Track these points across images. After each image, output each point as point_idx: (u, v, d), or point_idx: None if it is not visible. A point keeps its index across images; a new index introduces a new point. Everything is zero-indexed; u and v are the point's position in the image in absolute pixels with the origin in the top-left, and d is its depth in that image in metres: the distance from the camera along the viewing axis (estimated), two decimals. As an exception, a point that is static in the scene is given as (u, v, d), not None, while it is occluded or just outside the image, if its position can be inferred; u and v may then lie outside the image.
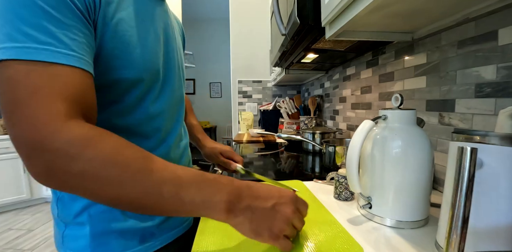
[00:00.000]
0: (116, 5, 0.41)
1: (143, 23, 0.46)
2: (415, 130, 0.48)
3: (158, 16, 0.51)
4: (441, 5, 0.53)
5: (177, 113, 0.60)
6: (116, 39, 0.41)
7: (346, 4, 0.52)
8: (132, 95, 0.45)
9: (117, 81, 0.43)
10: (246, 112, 2.16)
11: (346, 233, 0.45)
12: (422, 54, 0.71)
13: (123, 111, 0.46)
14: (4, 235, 2.10)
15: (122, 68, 0.42)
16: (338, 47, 0.95)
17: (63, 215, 0.48)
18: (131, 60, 0.43)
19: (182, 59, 0.63)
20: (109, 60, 0.40)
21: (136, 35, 0.44)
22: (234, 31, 2.47)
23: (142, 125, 0.48)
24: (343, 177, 0.60)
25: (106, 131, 0.34)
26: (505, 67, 0.49)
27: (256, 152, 1.31)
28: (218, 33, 5.25)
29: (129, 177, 0.32)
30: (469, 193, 0.30)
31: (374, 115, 1.01)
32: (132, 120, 0.47)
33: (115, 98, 0.44)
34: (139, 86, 0.46)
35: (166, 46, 0.53)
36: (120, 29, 0.41)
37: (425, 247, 0.41)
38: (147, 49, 0.46)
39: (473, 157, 0.30)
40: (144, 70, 0.45)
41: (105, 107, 0.43)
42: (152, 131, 0.51)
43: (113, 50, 0.41)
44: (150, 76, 0.47)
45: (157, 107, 0.51)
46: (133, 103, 0.46)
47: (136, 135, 0.48)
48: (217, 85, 5.50)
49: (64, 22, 0.33)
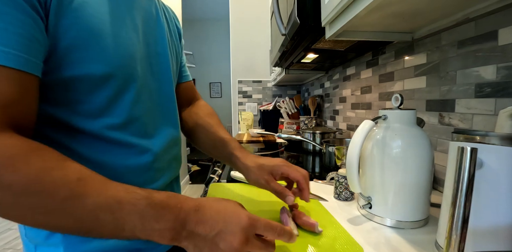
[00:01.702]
0: None
1: (118, 8, 0.39)
2: (415, 130, 0.48)
3: (137, 3, 0.45)
4: (441, 5, 0.53)
5: (165, 116, 0.52)
6: (78, 26, 0.34)
7: (346, 4, 0.52)
8: (102, 94, 0.38)
9: (80, 78, 0.35)
10: (246, 112, 2.16)
11: (346, 233, 0.45)
12: (422, 54, 0.71)
13: (90, 113, 0.38)
14: (4, 235, 2.10)
15: (86, 61, 0.35)
16: (338, 47, 0.95)
17: (32, 235, 0.41)
18: (99, 52, 0.36)
19: (173, 55, 0.56)
20: (69, 52, 0.34)
21: (108, 22, 0.37)
22: (234, 31, 2.47)
23: (116, 131, 0.40)
24: (343, 177, 0.60)
25: (38, 146, 0.29)
26: (505, 67, 0.49)
27: (256, 152, 1.31)
28: (218, 33, 5.25)
29: (57, 205, 0.27)
30: (469, 193, 0.30)
31: (374, 115, 1.00)
32: (103, 125, 0.39)
33: (79, 97, 0.37)
34: (110, 84, 0.38)
35: (146, 39, 0.46)
36: (84, 14, 0.34)
37: (425, 247, 0.41)
38: (121, 40, 0.39)
39: (473, 157, 0.30)
40: (117, 65, 0.38)
41: (67, 108, 0.37)
42: (131, 139, 0.42)
43: (75, 39, 0.34)
44: (124, 73, 0.40)
45: (136, 110, 0.43)
46: (104, 104, 0.39)
47: (108, 143, 0.40)
48: (217, 85, 5.49)
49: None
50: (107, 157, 0.41)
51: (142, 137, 0.45)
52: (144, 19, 0.46)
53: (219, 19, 4.94)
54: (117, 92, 0.40)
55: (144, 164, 0.45)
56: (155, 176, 0.48)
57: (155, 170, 0.48)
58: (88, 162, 0.34)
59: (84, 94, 0.37)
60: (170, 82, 0.53)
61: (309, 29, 0.74)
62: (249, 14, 2.43)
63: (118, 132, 0.41)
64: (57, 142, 0.37)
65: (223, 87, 5.47)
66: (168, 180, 0.53)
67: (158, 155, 0.48)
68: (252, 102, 2.54)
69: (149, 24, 0.48)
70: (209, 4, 4.48)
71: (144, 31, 0.46)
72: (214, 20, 5.07)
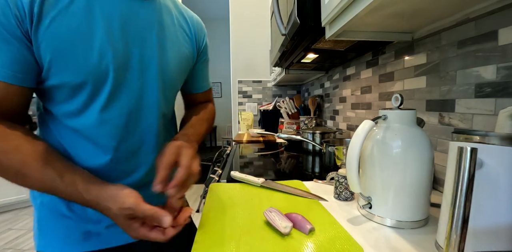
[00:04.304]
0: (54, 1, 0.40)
1: (92, 20, 0.43)
2: (415, 130, 0.48)
3: (119, 10, 0.46)
4: (441, 5, 0.53)
5: (144, 120, 0.52)
6: (54, 46, 0.41)
7: (346, 4, 0.52)
8: (79, 98, 0.45)
9: (61, 85, 0.44)
10: (246, 112, 2.16)
11: (346, 233, 0.45)
12: (422, 54, 0.71)
13: (72, 112, 0.46)
14: (4, 235, 2.10)
15: (63, 72, 0.43)
16: (338, 47, 0.95)
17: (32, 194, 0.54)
18: (73, 65, 0.42)
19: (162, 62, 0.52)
20: (51, 66, 0.42)
21: (79, 39, 0.42)
22: (234, 31, 2.47)
23: (90, 130, 0.48)
24: (343, 177, 0.60)
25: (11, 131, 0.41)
26: (505, 67, 0.49)
27: (256, 152, 1.31)
28: (218, 33, 5.26)
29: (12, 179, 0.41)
30: (469, 193, 0.30)
31: (374, 115, 1.01)
32: (81, 123, 0.47)
33: (63, 98, 0.45)
34: (84, 90, 0.45)
35: (126, 46, 0.47)
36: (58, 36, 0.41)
37: (425, 247, 0.41)
38: (92, 51, 0.43)
39: (473, 157, 0.30)
40: (88, 74, 0.44)
41: (58, 106, 0.46)
42: (102, 138, 0.48)
43: (53, 56, 0.41)
44: (96, 79, 0.45)
45: (106, 113, 0.47)
46: (81, 106, 0.46)
47: (86, 139, 0.48)
48: (217, 85, 5.50)
49: None
50: (80, 151, 0.49)
51: (112, 138, 0.49)
52: (127, 25, 0.47)
53: (219, 19, 4.94)
54: (91, 96, 0.46)
55: (105, 164, 0.50)
56: (119, 176, 0.53)
57: (118, 171, 0.52)
58: (65, 151, 0.48)
59: (66, 98, 0.45)
60: (154, 88, 0.52)
61: (309, 29, 0.74)
62: (249, 14, 2.43)
63: (90, 131, 0.48)
64: (53, 131, 0.49)
65: (223, 87, 5.48)
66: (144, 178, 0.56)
67: (121, 158, 0.52)
68: (252, 102, 2.54)
69: (133, 30, 0.48)
70: (209, 4, 4.49)
71: (126, 36, 0.47)
72: (214, 20, 5.08)
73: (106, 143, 0.49)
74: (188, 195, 2.89)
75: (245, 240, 0.43)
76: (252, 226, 0.48)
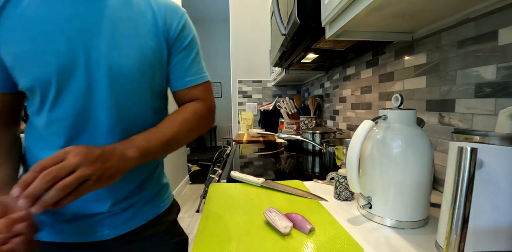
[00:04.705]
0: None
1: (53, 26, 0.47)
2: (415, 130, 0.48)
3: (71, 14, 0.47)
4: (441, 5, 0.53)
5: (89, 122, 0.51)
6: (11, 56, 0.46)
7: (346, 4, 0.52)
8: (35, 99, 0.50)
9: (21, 88, 0.50)
10: (246, 112, 2.16)
11: (346, 233, 0.45)
12: (422, 54, 0.71)
13: (33, 112, 0.53)
14: (4, 235, 2.10)
15: (18, 78, 0.49)
16: (338, 47, 0.95)
17: None
18: (25, 71, 0.48)
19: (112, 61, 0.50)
20: (12, 71, 0.48)
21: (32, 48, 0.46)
22: (234, 31, 2.47)
23: (43, 129, 0.52)
24: (343, 177, 0.60)
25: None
26: (505, 67, 0.49)
27: (256, 152, 1.31)
28: (218, 33, 5.25)
29: None
30: (469, 193, 0.30)
31: (374, 115, 1.01)
32: (38, 122, 0.52)
33: (28, 100, 0.53)
34: (35, 93, 0.49)
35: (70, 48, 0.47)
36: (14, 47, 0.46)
37: (425, 247, 0.41)
38: (35, 56, 0.47)
39: (473, 157, 0.30)
40: (34, 78, 0.48)
41: (28, 106, 0.54)
42: (51, 137, 0.52)
43: (10, 64, 0.47)
44: (41, 84, 0.48)
45: (54, 114, 0.50)
46: (37, 107, 0.51)
47: (41, 137, 0.53)
48: (217, 85, 5.50)
49: None
50: (36, 147, 0.54)
51: (59, 137, 0.52)
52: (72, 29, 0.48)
53: (219, 19, 4.94)
54: (42, 99, 0.50)
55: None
56: None
57: None
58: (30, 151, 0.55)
59: (29, 99, 0.52)
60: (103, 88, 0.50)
61: (309, 29, 0.74)
62: (249, 14, 2.43)
63: (43, 130, 0.52)
64: (28, 129, 0.56)
65: (223, 87, 5.48)
66: None
67: None
68: (252, 102, 2.54)
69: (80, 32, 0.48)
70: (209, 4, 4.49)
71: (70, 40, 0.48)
72: (214, 20, 5.07)
73: (55, 141, 0.52)
74: (188, 195, 2.87)
75: (245, 240, 0.43)
76: (252, 226, 0.48)
